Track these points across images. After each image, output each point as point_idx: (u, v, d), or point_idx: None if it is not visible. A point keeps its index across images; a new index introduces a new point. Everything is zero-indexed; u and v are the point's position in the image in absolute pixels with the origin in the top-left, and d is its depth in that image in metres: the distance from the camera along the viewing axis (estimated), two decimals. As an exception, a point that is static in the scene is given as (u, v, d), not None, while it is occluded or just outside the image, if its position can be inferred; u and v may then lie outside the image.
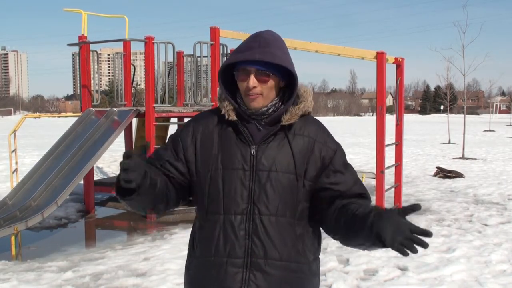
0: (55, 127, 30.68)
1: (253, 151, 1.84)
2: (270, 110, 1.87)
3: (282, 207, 1.83)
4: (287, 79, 1.89)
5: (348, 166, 1.93)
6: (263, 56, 1.79)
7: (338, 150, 1.93)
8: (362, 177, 10.30)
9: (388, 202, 8.16)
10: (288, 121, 1.86)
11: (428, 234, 1.56)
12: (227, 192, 1.83)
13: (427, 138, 24.91)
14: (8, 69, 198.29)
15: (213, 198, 1.85)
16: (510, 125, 39.64)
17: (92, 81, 9.22)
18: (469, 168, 13.39)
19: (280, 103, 1.89)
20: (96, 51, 9.61)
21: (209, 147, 1.88)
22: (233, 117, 1.86)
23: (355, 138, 25.20)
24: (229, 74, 1.90)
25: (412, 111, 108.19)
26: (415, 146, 19.91)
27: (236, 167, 1.83)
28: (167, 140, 2.01)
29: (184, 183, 1.92)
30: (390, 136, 8.47)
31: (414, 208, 1.59)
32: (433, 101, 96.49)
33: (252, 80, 1.81)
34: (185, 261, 2.07)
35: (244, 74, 1.83)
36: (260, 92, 1.83)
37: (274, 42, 1.84)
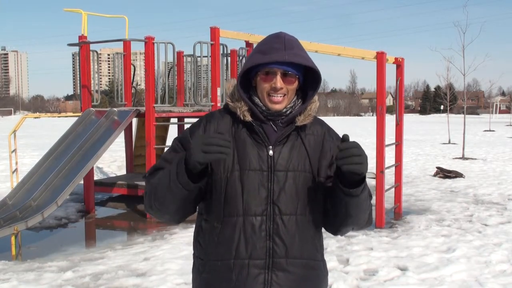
0: (55, 127, 30.68)
1: (271, 152, 1.84)
2: (288, 111, 1.88)
3: (301, 205, 1.85)
4: (302, 80, 1.91)
5: None
6: (293, 58, 1.80)
7: None
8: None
9: (388, 202, 8.16)
10: (303, 122, 1.88)
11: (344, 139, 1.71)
12: (246, 193, 1.82)
13: (427, 138, 24.90)
14: (8, 69, 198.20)
15: (231, 199, 1.83)
16: (510, 125, 39.62)
17: (92, 81, 9.22)
18: (469, 168, 13.39)
19: (296, 104, 1.91)
20: (96, 51, 9.61)
21: None
22: (248, 117, 1.85)
23: (355, 138, 24.86)
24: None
25: (412, 111, 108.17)
26: (415, 146, 19.91)
27: (253, 168, 1.83)
28: (174, 143, 1.93)
29: (202, 186, 1.86)
30: (390, 136, 8.46)
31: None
32: (433, 101, 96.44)
33: (280, 81, 1.82)
34: (185, 261, 2.06)
35: (268, 75, 1.83)
36: (286, 92, 1.85)
37: (296, 43, 1.86)
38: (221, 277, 1.84)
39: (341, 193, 1.78)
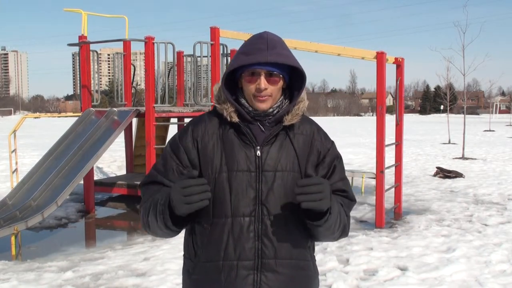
0: (55, 127, 30.68)
1: (258, 152, 1.84)
2: (275, 111, 1.88)
3: (290, 206, 1.83)
4: (289, 79, 1.90)
5: (338, 164, 1.97)
6: (276, 58, 1.79)
7: (332, 147, 1.97)
8: (362, 177, 10.31)
9: (388, 202, 8.16)
10: (290, 121, 1.87)
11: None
12: (235, 194, 1.81)
13: (427, 138, 24.90)
14: (8, 69, 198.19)
15: (219, 201, 1.83)
16: (510, 125, 39.64)
17: (92, 81, 9.22)
18: (469, 168, 13.39)
19: (283, 104, 1.90)
20: (96, 51, 9.61)
21: (211, 150, 1.85)
22: (235, 118, 1.85)
23: (355, 138, 25.19)
24: (227, 76, 1.89)
25: (412, 111, 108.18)
26: (415, 146, 19.91)
27: (241, 169, 1.82)
28: (164, 150, 1.96)
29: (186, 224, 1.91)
30: (390, 136, 8.46)
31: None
32: (433, 101, 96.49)
33: (264, 82, 1.81)
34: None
35: (253, 76, 1.83)
36: (271, 93, 1.84)
37: (280, 42, 1.85)
38: (210, 279, 1.84)
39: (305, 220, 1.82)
